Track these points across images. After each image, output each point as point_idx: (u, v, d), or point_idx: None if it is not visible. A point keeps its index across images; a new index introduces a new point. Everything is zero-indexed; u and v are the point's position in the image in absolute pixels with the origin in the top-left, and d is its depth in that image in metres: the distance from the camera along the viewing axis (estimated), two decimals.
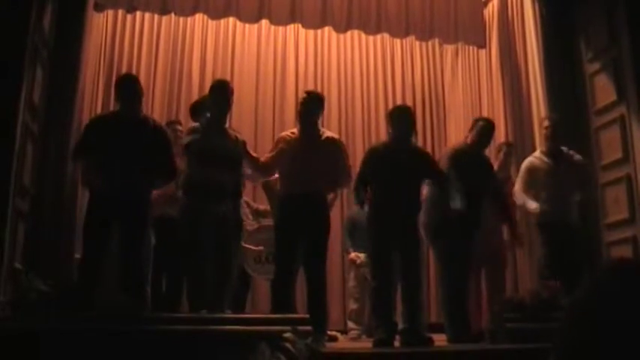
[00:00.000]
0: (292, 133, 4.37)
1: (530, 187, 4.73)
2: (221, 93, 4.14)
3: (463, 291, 4.37)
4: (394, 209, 4.11)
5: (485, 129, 4.65)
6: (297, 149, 4.19)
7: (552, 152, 4.76)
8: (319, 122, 4.41)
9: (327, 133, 4.43)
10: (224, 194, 4.03)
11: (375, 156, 4.28)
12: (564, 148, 4.78)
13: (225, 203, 4.04)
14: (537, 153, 4.89)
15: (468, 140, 4.65)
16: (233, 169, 4.09)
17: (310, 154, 4.16)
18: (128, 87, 4.05)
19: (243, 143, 4.28)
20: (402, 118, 4.30)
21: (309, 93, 4.49)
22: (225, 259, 4.05)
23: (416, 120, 4.67)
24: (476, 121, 4.83)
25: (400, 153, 4.21)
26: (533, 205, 4.64)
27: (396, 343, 3.95)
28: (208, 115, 4.14)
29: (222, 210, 4.00)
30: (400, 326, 4.04)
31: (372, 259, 4.24)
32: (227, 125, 4.34)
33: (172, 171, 4.09)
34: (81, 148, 4.02)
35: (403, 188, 4.14)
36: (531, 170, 4.76)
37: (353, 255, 5.38)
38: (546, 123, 4.86)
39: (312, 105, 4.31)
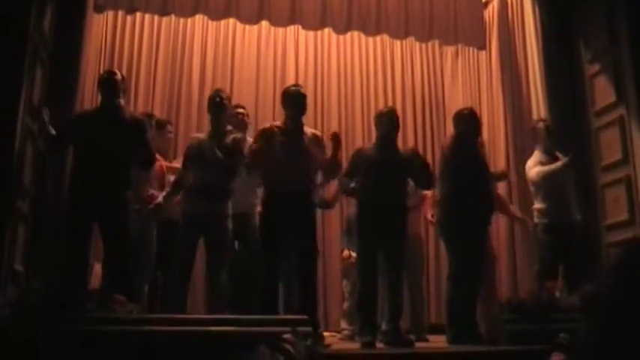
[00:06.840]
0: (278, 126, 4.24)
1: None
2: (213, 104, 4.44)
3: (464, 289, 4.23)
4: (379, 210, 4.15)
5: (467, 119, 4.50)
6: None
7: (550, 153, 4.83)
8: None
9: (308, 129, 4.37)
10: (213, 196, 4.22)
11: (361, 157, 4.33)
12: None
13: (214, 205, 4.21)
14: (536, 155, 4.91)
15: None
16: (223, 172, 4.28)
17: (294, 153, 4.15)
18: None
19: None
20: (387, 119, 4.37)
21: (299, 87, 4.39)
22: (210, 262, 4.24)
23: (399, 122, 4.61)
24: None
25: (386, 154, 4.26)
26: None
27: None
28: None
29: (210, 212, 4.18)
30: (383, 327, 4.13)
31: (359, 261, 4.30)
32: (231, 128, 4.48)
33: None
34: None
35: (388, 189, 4.19)
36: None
37: (346, 253, 5.39)
38: (541, 125, 4.93)
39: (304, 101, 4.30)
